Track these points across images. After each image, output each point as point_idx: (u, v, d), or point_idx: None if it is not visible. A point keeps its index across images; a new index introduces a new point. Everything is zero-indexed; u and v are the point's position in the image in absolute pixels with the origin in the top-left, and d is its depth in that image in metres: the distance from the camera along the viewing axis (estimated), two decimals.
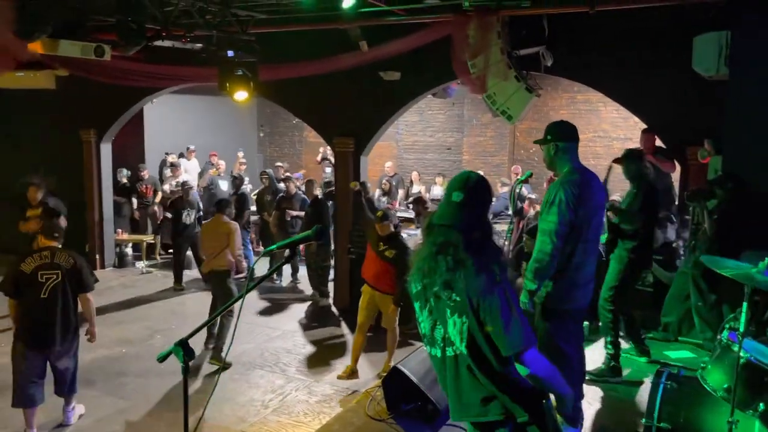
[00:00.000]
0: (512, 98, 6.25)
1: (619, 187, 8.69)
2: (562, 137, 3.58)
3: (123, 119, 10.57)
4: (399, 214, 11.31)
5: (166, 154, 12.45)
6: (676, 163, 6.99)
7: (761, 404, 2.91)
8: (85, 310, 5.18)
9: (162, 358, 2.14)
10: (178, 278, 9.69)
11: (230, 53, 6.21)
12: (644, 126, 7.29)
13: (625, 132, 11.67)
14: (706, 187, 5.21)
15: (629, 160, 5.03)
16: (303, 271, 9.62)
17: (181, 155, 12.65)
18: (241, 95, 6.49)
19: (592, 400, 4.48)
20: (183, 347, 2.07)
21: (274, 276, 10.08)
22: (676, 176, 7.25)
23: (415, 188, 12.34)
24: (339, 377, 6.41)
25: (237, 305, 6.37)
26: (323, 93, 8.70)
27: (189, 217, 9.59)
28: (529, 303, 3.51)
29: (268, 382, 6.45)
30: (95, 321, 5.29)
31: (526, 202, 8.38)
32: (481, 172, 11.80)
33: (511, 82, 6.22)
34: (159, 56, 7.74)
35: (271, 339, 7.68)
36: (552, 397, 2.41)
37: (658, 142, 7.09)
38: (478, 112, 12.99)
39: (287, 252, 2.05)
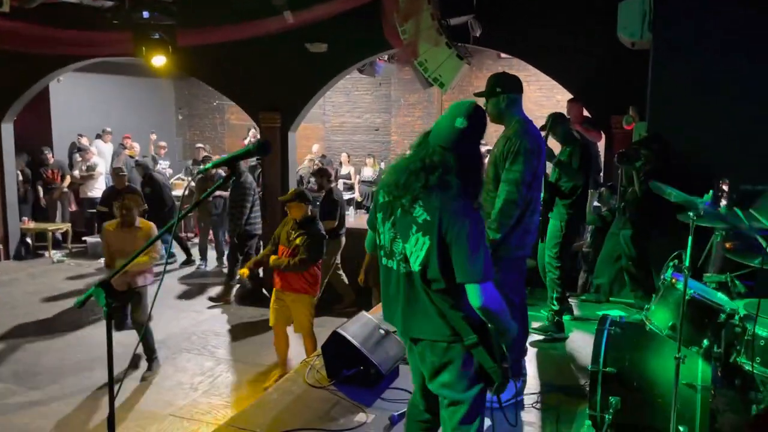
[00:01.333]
0: (443, 65, 6.17)
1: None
2: (513, 88, 3.45)
3: (25, 98, 9.76)
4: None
5: (79, 135, 11.63)
6: (602, 133, 7.15)
7: (705, 340, 2.94)
8: None
9: (81, 303, 1.88)
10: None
11: (145, 14, 5.77)
12: (566, 105, 7.40)
13: (550, 110, 11.89)
14: (634, 149, 5.30)
15: (555, 124, 5.02)
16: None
17: (98, 136, 11.87)
18: (158, 60, 6.07)
19: (531, 357, 4.47)
20: (105, 289, 1.81)
21: (198, 260, 9.68)
22: (602, 145, 7.43)
23: (345, 170, 12.15)
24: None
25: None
26: (247, 66, 8.35)
27: None
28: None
29: (196, 365, 6.12)
30: None
31: None
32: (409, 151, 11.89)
33: (442, 49, 6.14)
34: (66, 21, 7.16)
35: (198, 322, 7.32)
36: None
37: (585, 113, 7.24)
38: (405, 93, 12.94)
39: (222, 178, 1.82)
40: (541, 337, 4.76)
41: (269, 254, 5.40)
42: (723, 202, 4.34)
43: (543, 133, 4.40)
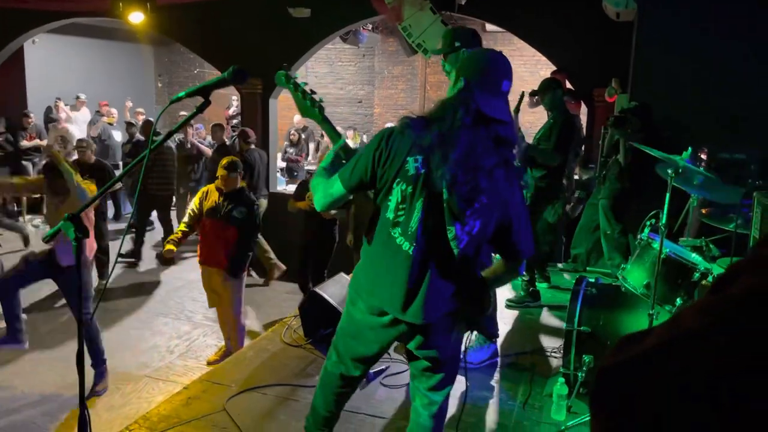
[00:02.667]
0: (428, 31, 6.10)
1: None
2: (473, 42, 3.20)
3: None
4: (308, 167, 11.04)
5: (57, 99, 11.35)
6: (581, 103, 7.16)
7: (678, 299, 2.97)
8: None
9: (49, 237, 1.83)
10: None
11: None
12: (549, 79, 7.36)
13: (533, 86, 11.88)
14: (625, 115, 5.25)
15: (544, 91, 4.98)
16: None
17: (72, 107, 11.61)
18: (136, 17, 5.92)
19: (508, 321, 4.51)
20: (73, 222, 1.76)
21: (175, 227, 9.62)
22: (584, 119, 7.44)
23: (326, 141, 12.05)
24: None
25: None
26: (229, 31, 8.21)
27: None
28: None
29: (173, 329, 6.08)
30: None
31: None
32: (390, 124, 11.82)
33: (426, 14, 6.07)
34: None
35: (175, 289, 7.27)
36: None
37: (568, 85, 7.23)
38: (389, 64, 12.83)
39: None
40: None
41: (187, 231, 4.97)
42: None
43: (513, 107, 4.35)
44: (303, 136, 11.64)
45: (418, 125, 2.01)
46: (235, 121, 11.86)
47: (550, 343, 4.06)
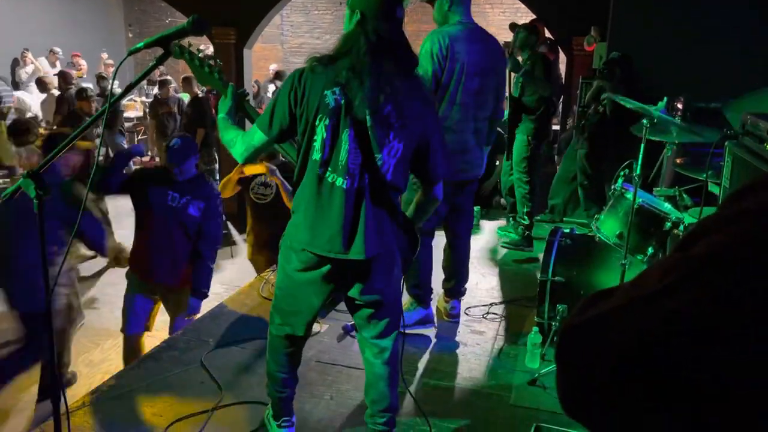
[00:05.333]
0: None
1: None
2: None
3: None
4: None
5: (25, 50, 10.93)
6: (553, 53, 7.08)
7: (650, 248, 3.01)
8: None
9: (9, 195, 1.77)
10: None
11: None
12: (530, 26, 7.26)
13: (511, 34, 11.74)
14: (613, 67, 5.20)
15: (522, 29, 4.93)
16: None
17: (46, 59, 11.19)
18: None
19: (484, 272, 4.55)
20: (34, 180, 1.71)
21: None
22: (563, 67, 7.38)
23: None
24: None
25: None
26: None
27: None
28: None
29: None
30: None
31: None
32: None
33: None
34: None
35: None
36: None
37: (547, 33, 7.13)
38: None
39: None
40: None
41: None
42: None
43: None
44: (276, 86, 11.43)
45: (326, 62, 2.06)
46: None
47: (525, 292, 4.12)
